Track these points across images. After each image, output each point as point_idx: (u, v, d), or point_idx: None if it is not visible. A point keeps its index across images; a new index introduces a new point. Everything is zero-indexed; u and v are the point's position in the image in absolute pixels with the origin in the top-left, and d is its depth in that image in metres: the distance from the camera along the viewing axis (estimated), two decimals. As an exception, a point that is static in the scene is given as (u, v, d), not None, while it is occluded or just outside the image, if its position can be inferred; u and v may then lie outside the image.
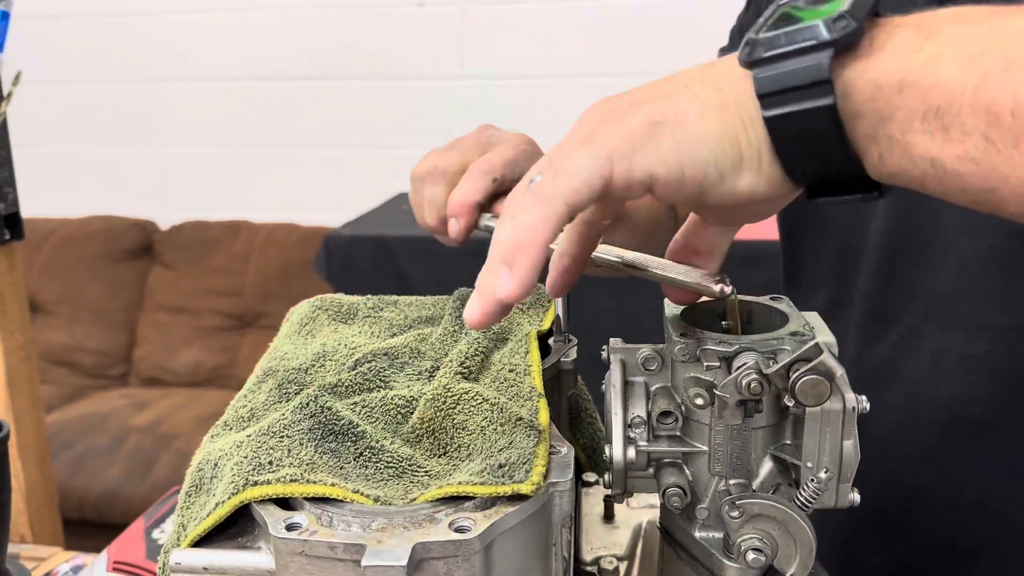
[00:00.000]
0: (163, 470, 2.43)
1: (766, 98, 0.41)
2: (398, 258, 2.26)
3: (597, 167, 0.42)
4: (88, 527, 2.34)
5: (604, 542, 0.68)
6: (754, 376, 0.49)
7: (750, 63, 0.42)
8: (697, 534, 0.56)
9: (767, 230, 1.93)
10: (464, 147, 0.74)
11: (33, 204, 1.54)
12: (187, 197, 3.12)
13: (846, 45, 0.40)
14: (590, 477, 0.73)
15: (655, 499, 0.57)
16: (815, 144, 0.41)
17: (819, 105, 0.40)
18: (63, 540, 1.27)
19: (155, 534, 0.95)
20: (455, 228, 0.70)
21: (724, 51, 0.97)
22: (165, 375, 2.93)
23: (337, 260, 2.34)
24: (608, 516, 0.71)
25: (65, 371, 2.97)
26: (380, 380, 0.59)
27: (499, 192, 0.72)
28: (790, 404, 0.49)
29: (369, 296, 0.75)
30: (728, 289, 0.53)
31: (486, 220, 0.71)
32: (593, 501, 0.73)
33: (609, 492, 0.58)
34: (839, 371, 0.48)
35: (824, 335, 0.54)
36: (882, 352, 0.79)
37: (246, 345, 2.89)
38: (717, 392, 0.51)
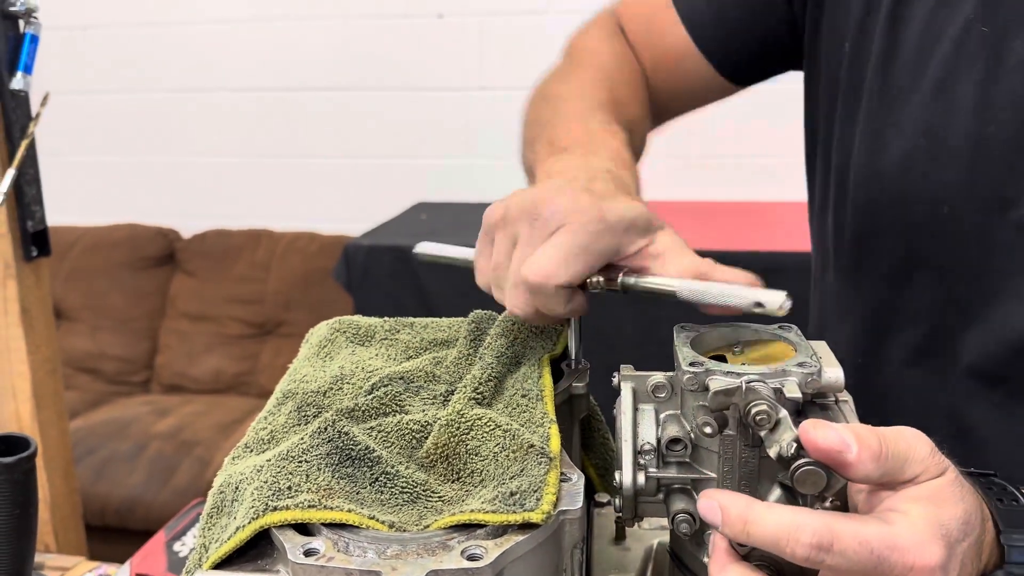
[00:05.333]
0: (184, 476, 2.45)
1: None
2: (416, 268, 2.28)
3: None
4: (110, 533, 2.37)
5: (615, 563, 0.69)
6: (763, 407, 0.50)
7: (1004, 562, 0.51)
8: (706, 559, 0.57)
9: (788, 242, 1.93)
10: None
11: (59, 212, 1.57)
12: (209, 206, 3.15)
13: None
14: (602, 497, 0.74)
15: (666, 520, 0.58)
16: None
17: None
18: (87, 549, 1.29)
19: (176, 547, 0.96)
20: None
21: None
22: (186, 382, 2.96)
23: (356, 270, 2.36)
24: (619, 537, 0.71)
25: (88, 378, 3.01)
26: (396, 404, 0.61)
27: None
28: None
29: (386, 318, 0.77)
30: (788, 303, 0.53)
31: None
32: (605, 521, 0.73)
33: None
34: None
35: (832, 367, 0.55)
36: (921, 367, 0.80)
37: (267, 353, 2.92)
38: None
